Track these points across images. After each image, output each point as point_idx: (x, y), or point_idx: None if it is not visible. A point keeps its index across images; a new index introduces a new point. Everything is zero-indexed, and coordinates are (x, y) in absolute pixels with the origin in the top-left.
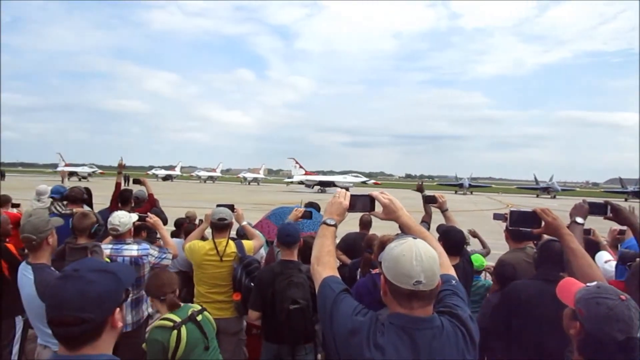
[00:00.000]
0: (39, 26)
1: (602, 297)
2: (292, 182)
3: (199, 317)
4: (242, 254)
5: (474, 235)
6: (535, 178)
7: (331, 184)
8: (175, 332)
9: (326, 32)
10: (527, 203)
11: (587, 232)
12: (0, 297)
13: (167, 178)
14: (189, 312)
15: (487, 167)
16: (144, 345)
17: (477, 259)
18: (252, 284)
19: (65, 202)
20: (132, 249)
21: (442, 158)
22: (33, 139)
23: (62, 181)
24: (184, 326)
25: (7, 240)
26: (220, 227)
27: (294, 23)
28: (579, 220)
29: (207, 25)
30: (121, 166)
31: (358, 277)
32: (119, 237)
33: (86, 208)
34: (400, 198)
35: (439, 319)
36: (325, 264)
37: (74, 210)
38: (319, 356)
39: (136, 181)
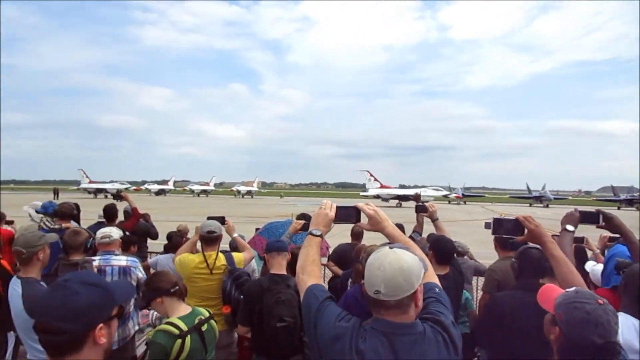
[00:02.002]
0: (30, 45)
1: (580, 302)
2: (367, 196)
3: (204, 327)
4: (232, 266)
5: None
6: (528, 187)
7: (409, 197)
8: (179, 340)
9: (317, 45)
10: (521, 212)
11: (580, 240)
12: None
13: (160, 192)
14: (196, 321)
15: (481, 176)
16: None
17: None
18: (241, 297)
19: (54, 218)
20: (120, 259)
21: (435, 168)
22: (25, 156)
23: (55, 197)
24: (189, 336)
25: (0, 256)
26: (209, 239)
27: (285, 37)
28: (570, 227)
29: (200, 41)
30: (124, 197)
31: (349, 287)
32: (107, 249)
33: (73, 224)
34: (391, 208)
35: (422, 325)
36: (310, 273)
37: (63, 225)
38: None
39: (118, 197)
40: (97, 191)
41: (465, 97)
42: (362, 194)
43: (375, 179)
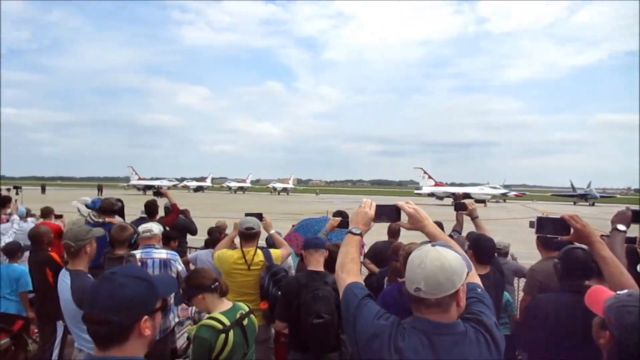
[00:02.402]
0: (73, 46)
1: (633, 305)
2: (420, 194)
3: (245, 321)
4: (270, 262)
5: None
6: (572, 185)
7: (466, 195)
8: (223, 335)
9: (353, 42)
10: (564, 210)
11: (632, 240)
12: (44, 303)
13: (198, 189)
14: (238, 315)
15: (521, 173)
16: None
17: None
18: (279, 293)
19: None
20: (161, 253)
21: (473, 165)
22: (70, 153)
23: (100, 193)
24: (232, 330)
25: (50, 249)
26: (248, 236)
27: (321, 34)
28: (621, 227)
29: (236, 40)
30: (164, 194)
31: (385, 285)
32: (148, 242)
33: (118, 219)
34: (430, 206)
35: (464, 325)
36: (349, 271)
37: (106, 220)
38: None
39: (157, 193)
40: (146, 188)
41: (505, 92)
42: (415, 191)
43: (430, 177)
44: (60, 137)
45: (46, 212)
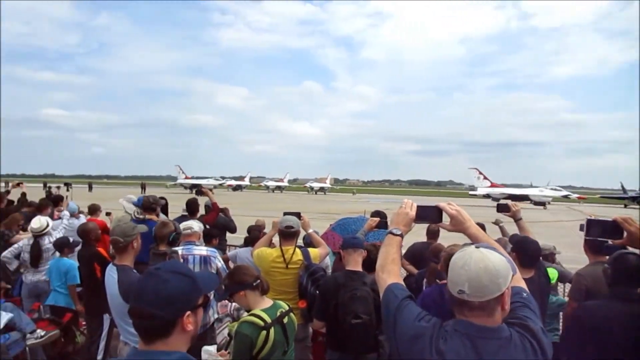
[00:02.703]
0: (121, 50)
1: None
2: (476, 195)
3: (285, 319)
4: (308, 261)
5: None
6: (623, 186)
7: (524, 197)
8: (264, 332)
9: (391, 40)
10: (614, 214)
11: None
12: (92, 296)
13: (237, 188)
14: (278, 313)
15: (567, 174)
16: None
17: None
18: (317, 292)
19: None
20: (201, 249)
21: (515, 165)
22: (116, 153)
23: (143, 191)
24: (272, 328)
25: (97, 245)
26: (287, 234)
27: (358, 33)
28: None
29: (274, 40)
30: (205, 193)
31: (424, 287)
32: (189, 239)
33: (162, 216)
34: (469, 207)
35: (508, 330)
36: (390, 272)
37: (146, 217)
38: None
39: (199, 192)
40: (193, 187)
41: (551, 89)
42: (470, 193)
43: (485, 177)
44: (108, 138)
45: (94, 209)
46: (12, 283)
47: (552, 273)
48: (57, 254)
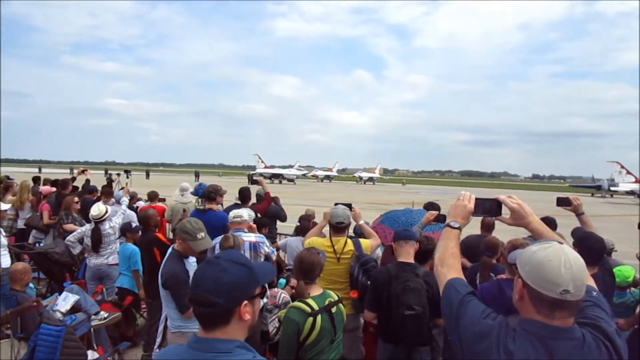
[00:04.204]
0: (179, 42)
1: None
2: (617, 192)
3: (334, 309)
4: (360, 252)
5: None
6: None
7: None
8: (311, 318)
9: (445, 28)
10: None
11: None
12: (152, 280)
13: (326, 178)
14: (326, 302)
15: (633, 166)
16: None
17: (624, 271)
18: (368, 282)
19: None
20: (250, 236)
21: (576, 157)
22: (173, 141)
23: (196, 179)
24: (320, 315)
25: (157, 230)
26: (338, 229)
27: (412, 21)
28: None
29: (326, 29)
30: (259, 182)
31: (477, 281)
32: (238, 227)
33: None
34: (525, 200)
35: (580, 330)
36: (450, 266)
37: (207, 206)
38: None
39: (254, 182)
40: (273, 176)
41: (617, 77)
42: (612, 189)
43: (628, 172)
44: (165, 127)
45: (152, 196)
46: (77, 266)
47: (624, 271)
48: (123, 238)
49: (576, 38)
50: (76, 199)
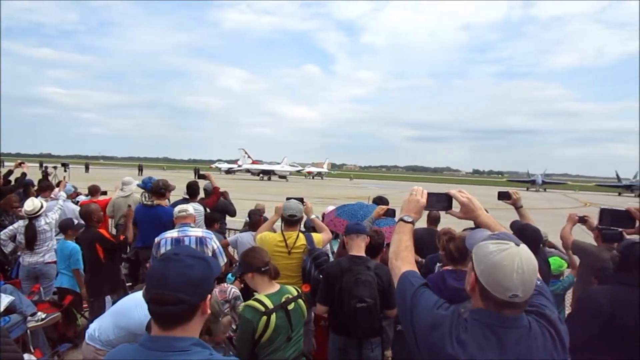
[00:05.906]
0: (122, 29)
1: None
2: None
3: (291, 306)
4: (312, 246)
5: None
6: (617, 175)
7: None
8: (265, 317)
9: (392, 26)
10: (608, 202)
11: None
12: (93, 278)
13: (229, 171)
14: (283, 299)
15: (563, 163)
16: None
17: (555, 262)
18: (320, 276)
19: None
20: (197, 231)
21: (513, 153)
22: (115, 133)
23: (140, 173)
24: (274, 314)
25: (99, 225)
26: (290, 222)
27: (360, 18)
28: None
29: (275, 23)
30: (206, 176)
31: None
32: (184, 221)
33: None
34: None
35: (527, 318)
36: (404, 259)
37: (155, 202)
38: (387, 353)
39: (201, 176)
40: (263, 172)
41: (551, 78)
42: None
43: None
44: (107, 117)
45: (94, 190)
46: (10, 265)
47: (555, 261)
48: (62, 235)
49: (513, 39)
50: (15, 197)
